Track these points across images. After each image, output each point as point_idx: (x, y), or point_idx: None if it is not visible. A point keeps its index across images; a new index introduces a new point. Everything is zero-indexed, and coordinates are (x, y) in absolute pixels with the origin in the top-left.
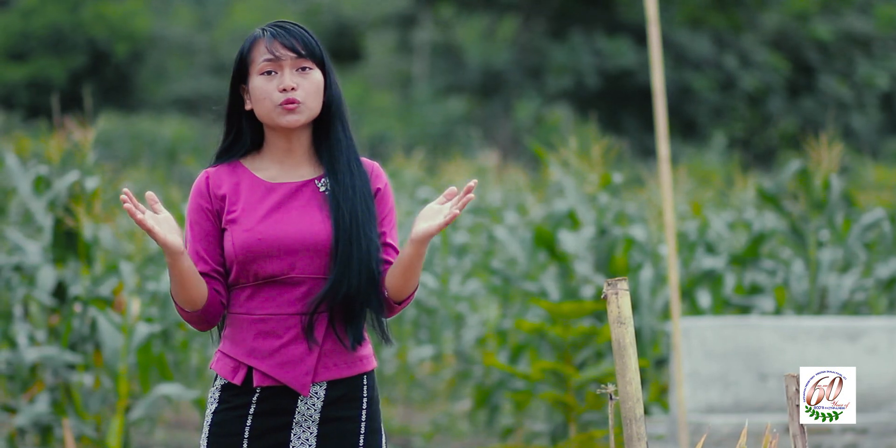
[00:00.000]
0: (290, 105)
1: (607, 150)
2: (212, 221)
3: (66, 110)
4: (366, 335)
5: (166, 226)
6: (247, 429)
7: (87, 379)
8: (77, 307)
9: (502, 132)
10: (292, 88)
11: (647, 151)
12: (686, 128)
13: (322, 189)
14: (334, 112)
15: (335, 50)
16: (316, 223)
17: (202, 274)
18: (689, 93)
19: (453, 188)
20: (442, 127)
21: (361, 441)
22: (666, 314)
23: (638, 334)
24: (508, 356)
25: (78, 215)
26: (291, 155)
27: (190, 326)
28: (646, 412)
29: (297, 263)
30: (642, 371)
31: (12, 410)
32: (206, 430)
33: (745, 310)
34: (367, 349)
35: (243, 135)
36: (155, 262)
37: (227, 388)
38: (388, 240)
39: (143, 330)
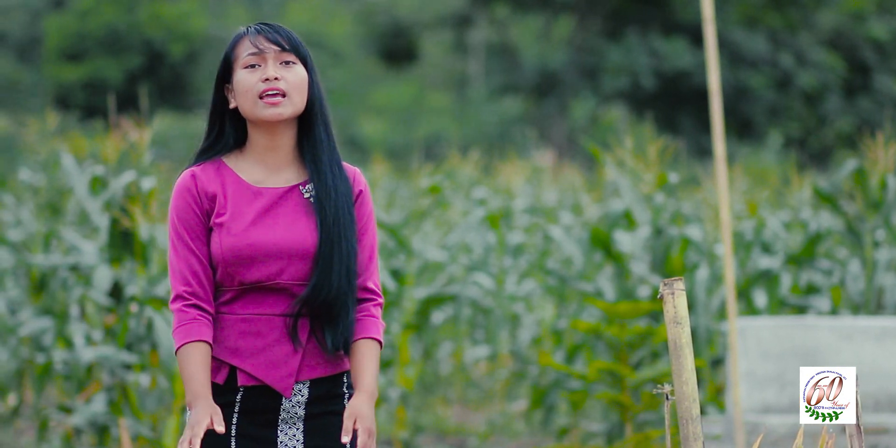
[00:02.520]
0: (272, 96)
1: (663, 149)
2: (203, 223)
3: (122, 110)
4: None
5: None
6: (233, 426)
7: (143, 379)
8: (133, 307)
9: (558, 132)
10: (276, 78)
11: (703, 151)
12: (742, 127)
13: (307, 195)
14: (317, 112)
15: (391, 50)
16: (304, 230)
17: (192, 302)
18: (745, 92)
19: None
20: (497, 127)
21: None
22: (722, 314)
23: (694, 334)
24: (564, 356)
25: (134, 215)
26: (274, 154)
27: None
28: (702, 412)
29: (285, 270)
30: (698, 371)
31: (69, 410)
32: None
33: (801, 310)
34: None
35: (225, 133)
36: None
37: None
38: (369, 284)
39: None
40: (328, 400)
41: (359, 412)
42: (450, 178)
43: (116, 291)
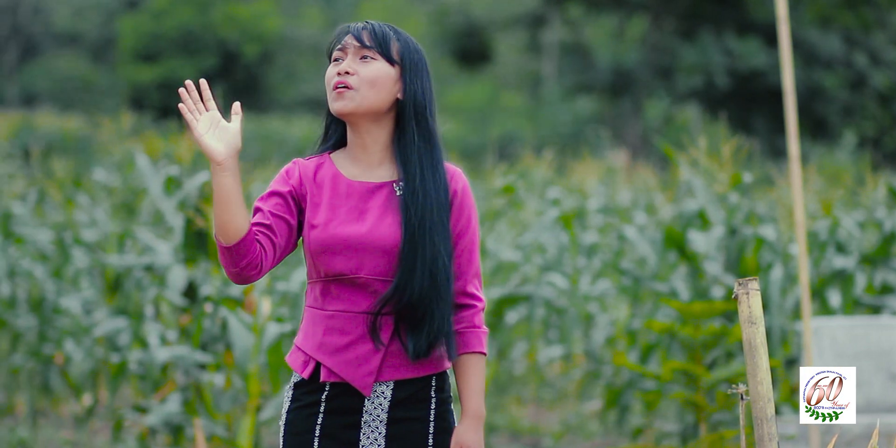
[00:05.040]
0: (340, 88)
1: (737, 149)
2: (290, 199)
3: None
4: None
5: (220, 133)
6: (317, 427)
7: (217, 379)
8: (208, 307)
9: (631, 132)
10: (346, 72)
11: (777, 151)
12: (816, 127)
13: (399, 193)
14: (409, 114)
15: (464, 51)
16: (387, 225)
17: (255, 223)
18: (819, 92)
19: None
20: (571, 127)
21: (431, 441)
22: (796, 314)
23: (768, 334)
24: (638, 356)
25: (208, 215)
26: (366, 152)
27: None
28: (776, 412)
29: (364, 264)
30: (773, 371)
31: (143, 410)
32: (281, 428)
33: (875, 310)
34: (439, 351)
35: (329, 129)
36: (285, 261)
37: (299, 386)
38: (469, 288)
39: (273, 330)
40: (413, 404)
41: (465, 441)
42: (523, 178)
43: (191, 291)
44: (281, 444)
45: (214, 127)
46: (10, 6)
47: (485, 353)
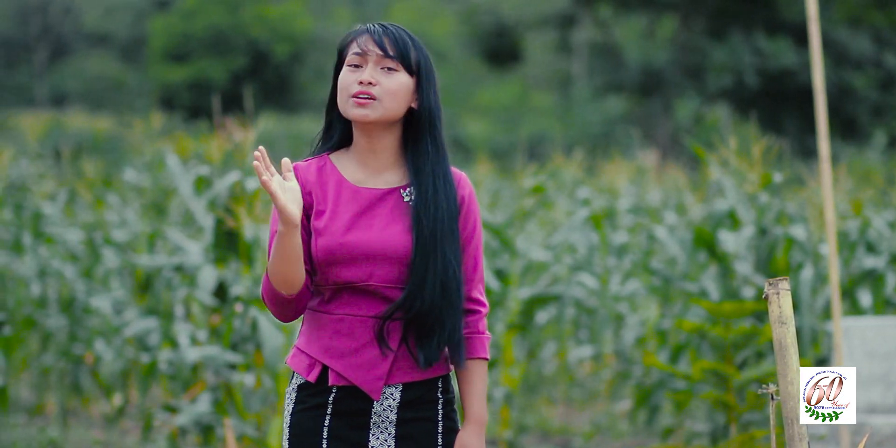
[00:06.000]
0: (362, 98)
1: (767, 149)
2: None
3: (227, 111)
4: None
5: (290, 195)
6: (325, 429)
7: (248, 379)
8: (238, 307)
9: (662, 132)
10: (370, 83)
11: (807, 151)
12: (846, 127)
13: (406, 199)
14: (424, 122)
15: (493, 50)
16: (397, 232)
17: None
18: (849, 92)
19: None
20: (601, 127)
21: (440, 440)
22: (827, 314)
23: (799, 334)
24: (668, 356)
25: (238, 215)
26: (374, 156)
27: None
28: None
29: (375, 272)
30: None
31: (174, 410)
32: (285, 430)
33: None
34: (446, 354)
35: (332, 128)
36: None
37: (303, 388)
38: (474, 293)
39: None
40: (421, 405)
41: (468, 445)
42: (553, 178)
43: (221, 291)
44: (286, 445)
45: (283, 189)
46: (41, 6)
47: (488, 359)
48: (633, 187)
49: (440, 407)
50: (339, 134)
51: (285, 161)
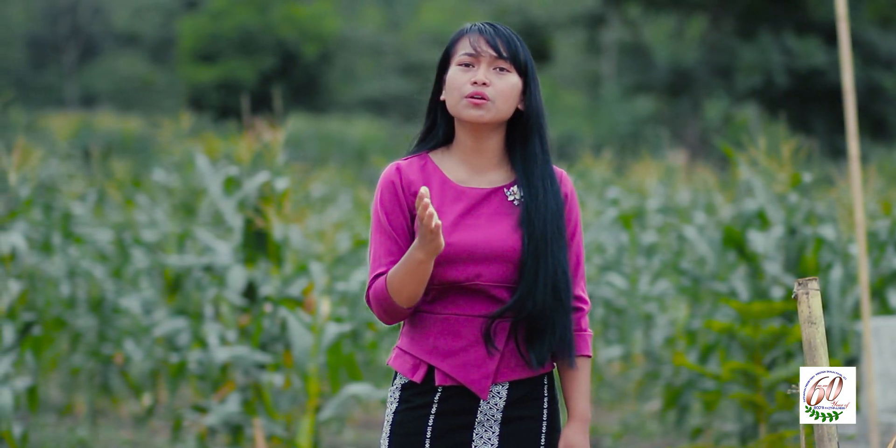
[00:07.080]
0: (476, 98)
1: (796, 149)
2: (404, 215)
3: (256, 111)
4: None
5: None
6: (428, 428)
7: (277, 379)
8: (267, 307)
9: (691, 132)
10: (483, 83)
11: (837, 151)
12: (875, 127)
13: (510, 198)
14: (533, 124)
15: None
16: (504, 232)
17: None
18: (878, 92)
19: None
20: (630, 126)
21: (543, 440)
22: (856, 314)
23: (828, 334)
24: (698, 356)
25: (268, 216)
26: (479, 156)
27: (380, 323)
28: None
29: (483, 272)
30: None
31: (203, 410)
32: (387, 429)
33: None
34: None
35: (436, 126)
36: (344, 262)
37: (407, 387)
38: (577, 290)
39: (332, 330)
40: (527, 403)
41: (573, 443)
42: (583, 178)
43: (250, 292)
44: (387, 444)
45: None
46: (70, 7)
47: (591, 356)
48: (662, 187)
49: (546, 405)
50: (443, 133)
51: (424, 190)
